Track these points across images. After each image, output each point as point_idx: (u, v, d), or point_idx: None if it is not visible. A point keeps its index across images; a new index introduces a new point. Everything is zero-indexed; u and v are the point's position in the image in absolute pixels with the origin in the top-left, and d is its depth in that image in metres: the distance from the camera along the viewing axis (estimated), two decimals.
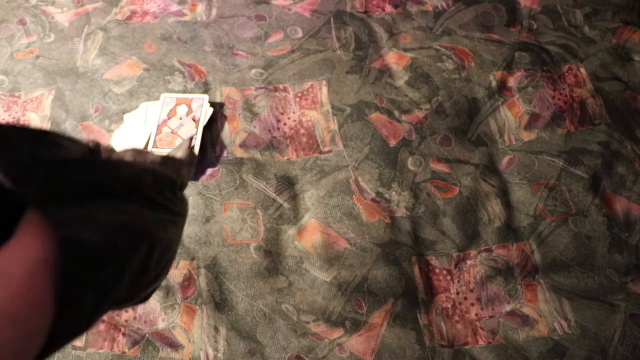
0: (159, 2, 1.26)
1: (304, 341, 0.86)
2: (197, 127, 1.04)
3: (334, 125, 1.07)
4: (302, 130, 1.07)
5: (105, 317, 0.88)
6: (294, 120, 1.08)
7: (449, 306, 0.89)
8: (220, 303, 0.89)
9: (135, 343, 0.86)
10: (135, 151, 0.47)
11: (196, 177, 1.01)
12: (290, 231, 0.95)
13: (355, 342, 0.86)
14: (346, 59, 1.16)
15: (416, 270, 0.92)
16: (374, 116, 1.08)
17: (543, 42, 1.20)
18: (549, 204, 0.99)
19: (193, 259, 0.93)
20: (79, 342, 0.86)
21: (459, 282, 0.91)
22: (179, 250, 0.94)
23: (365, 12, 1.25)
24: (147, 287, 0.41)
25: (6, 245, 0.28)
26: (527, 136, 1.07)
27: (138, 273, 0.36)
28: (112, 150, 0.45)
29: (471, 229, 0.96)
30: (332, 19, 1.23)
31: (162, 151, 1.01)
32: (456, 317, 0.88)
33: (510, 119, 1.09)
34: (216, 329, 0.87)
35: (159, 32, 1.21)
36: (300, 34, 1.21)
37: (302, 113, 1.09)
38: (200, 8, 1.25)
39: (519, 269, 0.92)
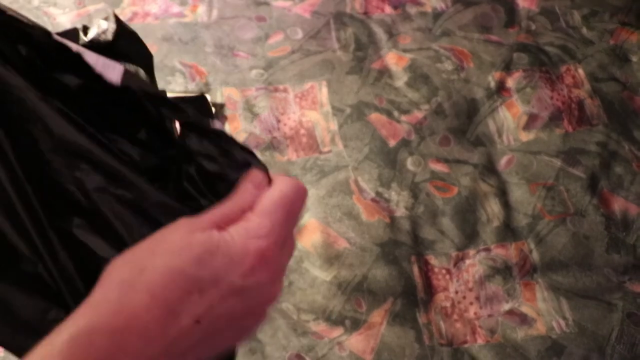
0: (160, 3, 1.27)
1: (304, 340, 0.86)
2: None
3: (333, 126, 1.08)
4: (302, 131, 1.07)
5: None
6: (294, 121, 1.09)
7: (448, 305, 0.90)
8: None
9: None
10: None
11: None
12: None
13: (355, 341, 0.87)
14: (346, 59, 1.17)
15: (415, 269, 0.93)
16: (374, 116, 1.09)
17: (541, 43, 1.21)
18: (547, 204, 1.00)
19: None
20: None
21: (458, 281, 0.92)
22: None
23: (365, 13, 1.26)
24: None
25: None
26: (525, 136, 1.08)
27: None
28: None
29: (470, 228, 0.97)
30: (332, 20, 1.24)
31: None
32: (455, 316, 0.89)
33: (509, 120, 1.10)
34: None
35: (160, 33, 1.21)
36: (300, 35, 1.22)
37: (302, 113, 1.10)
38: (201, 9, 1.26)
39: (518, 268, 0.93)
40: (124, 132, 0.30)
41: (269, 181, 0.29)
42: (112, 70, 0.28)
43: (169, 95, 0.30)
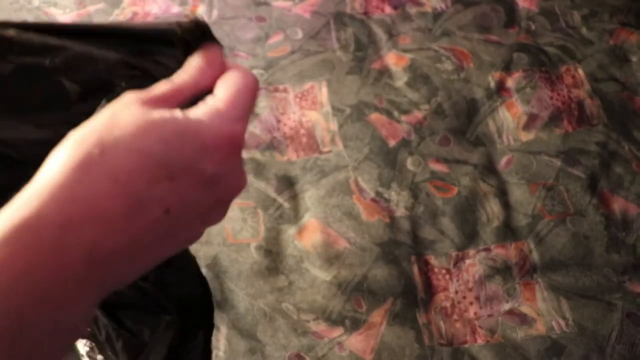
0: (160, 3, 1.28)
1: (304, 340, 0.87)
2: None
3: (333, 126, 1.08)
4: (302, 131, 1.08)
5: None
6: (294, 121, 1.09)
7: (448, 305, 0.90)
8: (221, 302, 0.90)
9: None
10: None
11: None
12: (291, 231, 0.96)
13: (355, 341, 0.87)
14: (346, 59, 1.17)
15: (415, 269, 0.93)
16: (374, 117, 1.09)
17: (541, 43, 1.21)
18: (547, 204, 1.00)
19: (194, 258, 0.94)
20: None
21: (457, 281, 0.92)
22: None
23: (365, 13, 1.26)
24: None
25: None
26: (525, 136, 1.08)
27: None
28: None
29: (470, 228, 0.97)
30: (332, 20, 1.24)
31: None
32: (455, 316, 0.89)
33: (509, 120, 1.10)
34: (217, 328, 0.88)
35: None
36: (300, 35, 1.22)
37: (302, 113, 1.10)
38: (201, 9, 1.26)
39: (518, 268, 0.93)
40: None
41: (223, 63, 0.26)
42: None
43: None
